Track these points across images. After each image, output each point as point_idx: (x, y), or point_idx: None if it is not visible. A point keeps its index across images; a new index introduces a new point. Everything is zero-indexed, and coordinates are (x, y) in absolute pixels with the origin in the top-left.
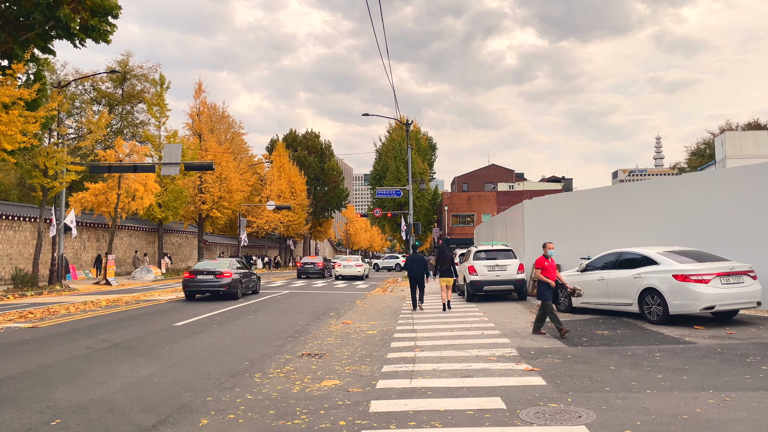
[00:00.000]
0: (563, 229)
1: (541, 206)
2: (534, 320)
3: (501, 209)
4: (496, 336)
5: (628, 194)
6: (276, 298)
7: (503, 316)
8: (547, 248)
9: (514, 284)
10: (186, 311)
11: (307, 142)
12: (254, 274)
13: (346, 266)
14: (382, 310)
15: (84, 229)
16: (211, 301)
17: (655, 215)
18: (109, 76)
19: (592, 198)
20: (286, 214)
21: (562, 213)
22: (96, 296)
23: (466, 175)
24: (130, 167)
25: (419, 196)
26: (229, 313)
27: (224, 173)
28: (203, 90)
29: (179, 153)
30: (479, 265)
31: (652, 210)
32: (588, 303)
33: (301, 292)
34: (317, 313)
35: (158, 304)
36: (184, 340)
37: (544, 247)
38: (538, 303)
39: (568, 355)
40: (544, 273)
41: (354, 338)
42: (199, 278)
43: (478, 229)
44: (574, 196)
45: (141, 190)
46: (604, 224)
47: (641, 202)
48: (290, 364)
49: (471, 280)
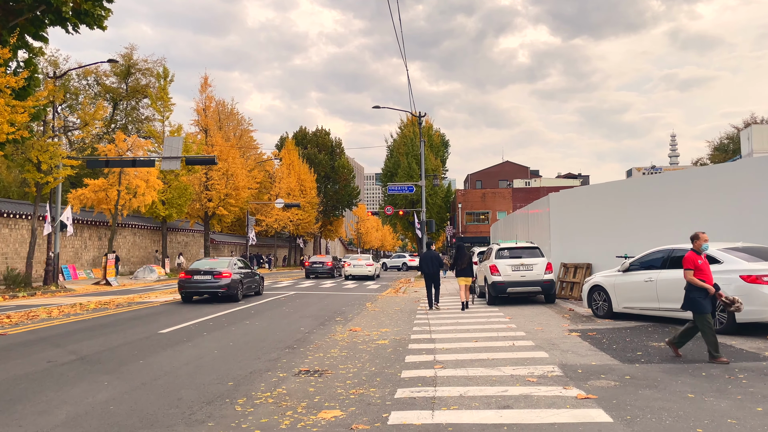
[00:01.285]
0: (595, 225)
1: (569, 199)
2: (678, 336)
3: (517, 206)
4: (531, 348)
5: (672, 184)
6: (279, 300)
7: (533, 322)
8: (701, 240)
9: (541, 285)
10: (178, 315)
11: (317, 140)
12: (257, 274)
13: (356, 266)
14: (394, 314)
15: (85, 227)
16: (208, 304)
17: (707, 207)
18: (113, 70)
19: (630, 189)
20: (295, 212)
21: (594, 206)
22: (89, 298)
23: (479, 173)
24: (128, 161)
25: (432, 194)
26: (225, 318)
27: (231, 170)
28: (209, 84)
29: (180, 146)
30: (502, 264)
31: (702, 201)
32: (631, 307)
33: (308, 294)
34: (322, 317)
35: (151, 307)
36: (164, 352)
37: (694, 239)
38: (569, 308)
39: (626, 376)
40: (698, 275)
41: (362, 350)
42: (196, 278)
43: (495, 226)
44: (608, 187)
45: (143, 187)
46: (644, 218)
47: (688, 193)
48: (283, 384)
49: (493, 280)
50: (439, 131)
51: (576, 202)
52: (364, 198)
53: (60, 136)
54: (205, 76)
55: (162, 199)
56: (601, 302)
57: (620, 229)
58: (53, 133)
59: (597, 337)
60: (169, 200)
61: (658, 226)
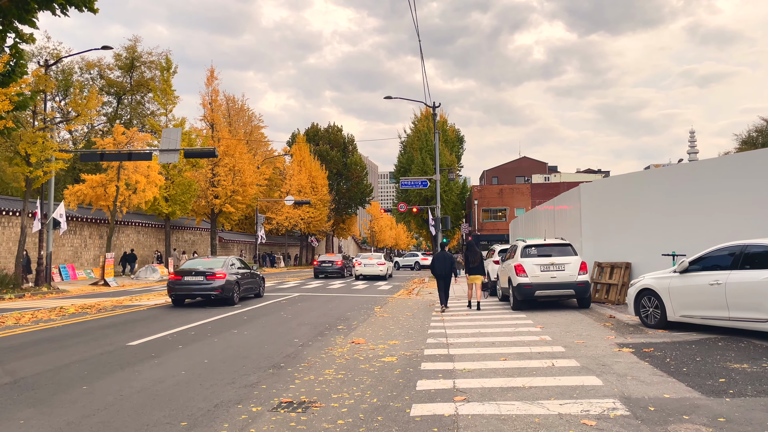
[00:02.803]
0: (635, 218)
1: (604, 190)
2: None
3: (536, 203)
4: (576, 371)
5: (731, 170)
6: (280, 303)
7: (569, 332)
8: None
9: (574, 288)
10: (160, 322)
11: (329, 136)
12: (257, 275)
13: (367, 265)
14: (405, 322)
15: (85, 225)
16: (201, 308)
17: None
18: (117, 63)
19: (678, 176)
20: (306, 210)
21: (634, 197)
22: (76, 300)
23: (496, 169)
24: (124, 155)
25: (447, 190)
26: (212, 326)
27: (237, 165)
28: (215, 78)
29: (179, 138)
30: (529, 263)
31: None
32: (691, 316)
33: (313, 296)
34: (323, 325)
35: (136, 312)
36: (119, 373)
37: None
38: (609, 314)
39: (720, 418)
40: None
41: (363, 371)
42: (187, 280)
43: (514, 223)
44: (650, 175)
45: (143, 182)
46: (694, 211)
47: (751, 181)
48: (253, 426)
49: (519, 282)
50: (453, 126)
51: (612, 192)
52: (379, 196)
53: (51, 128)
54: (211, 69)
55: (165, 196)
56: (652, 309)
57: (666, 223)
58: (44, 125)
59: (657, 354)
60: (172, 197)
61: (712, 220)
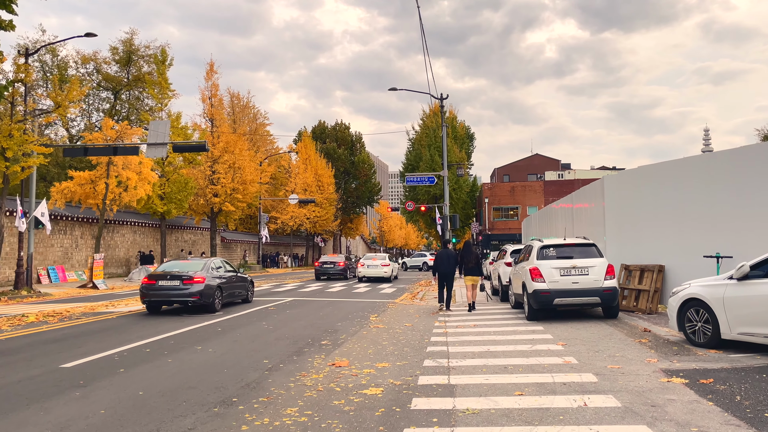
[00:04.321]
0: (669, 214)
1: (632, 182)
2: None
3: (549, 200)
4: (618, 415)
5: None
6: (267, 310)
7: (598, 352)
8: None
9: (600, 295)
10: (118, 336)
11: (336, 134)
12: (245, 279)
13: (371, 266)
14: (402, 335)
15: (76, 225)
16: (176, 315)
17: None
18: (114, 57)
19: (722, 163)
20: (312, 209)
21: (668, 189)
22: (45, 306)
23: (507, 166)
24: (109, 149)
25: (456, 188)
26: (174, 340)
27: (237, 162)
28: (215, 72)
29: (167, 131)
30: (547, 267)
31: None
32: (752, 334)
33: (306, 301)
34: (305, 339)
35: (103, 321)
36: (21, 413)
37: None
38: (643, 327)
39: None
40: None
41: (335, 410)
42: (161, 285)
43: (527, 222)
44: (688, 163)
45: (134, 179)
46: (744, 204)
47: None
48: None
49: (536, 289)
50: (463, 123)
51: (641, 184)
52: (389, 196)
53: (31, 121)
54: (210, 63)
55: (159, 194)
56: (701, 324)
57: (708, 219)
58: (23, 117)
59: (721, 389)
60: (167, 195)
61: (762, 217)
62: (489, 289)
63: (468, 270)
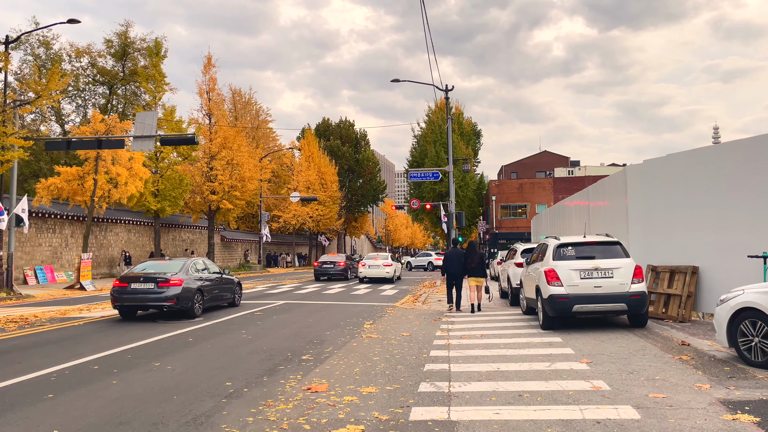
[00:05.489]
0: (704, 207)
1: (660, 172)
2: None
3: (558, 198)
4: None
5: None
6: (253, 315)
7: (632, 374)
8: None
9: (626, 301)
10: (73, 347)
11: (340, 131)
12: (232, 281)
13: (372, 266)
14: (398, 347)
15: (66, 223)
16: (150, 322)
17: None
18: (109, 51)
19: None
20: (315, 207)
21: (704, 180)
22: (15, 311)
23: (515, 164)
24: (93, 142)
25: (462, 185)
26: (132, 354)
27: (236, 159)
28: (213, 65)
29: (154, 123)
30: (565, 268)
31: None
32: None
33: (299, 305)
34: (284, 353)
35: (67, 328)
36: None
37: None
38: (680, 339)
39: None
40: None
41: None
42: (134, 288)
43: (537, 220)
44: (728, 149)
45: (124, 175)
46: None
47: None
48: None
49: (552, 294)
50: (470, 119)
51: (671, 174)
52: (395, 196)
53: (9, 113)
54: (208, 56)
55: (153, 191)
56: (759, 339)
57: (753, 213)
58: (2, 108)
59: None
60: (161, 192)
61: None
62: (497, 291)
63: (471, 271)
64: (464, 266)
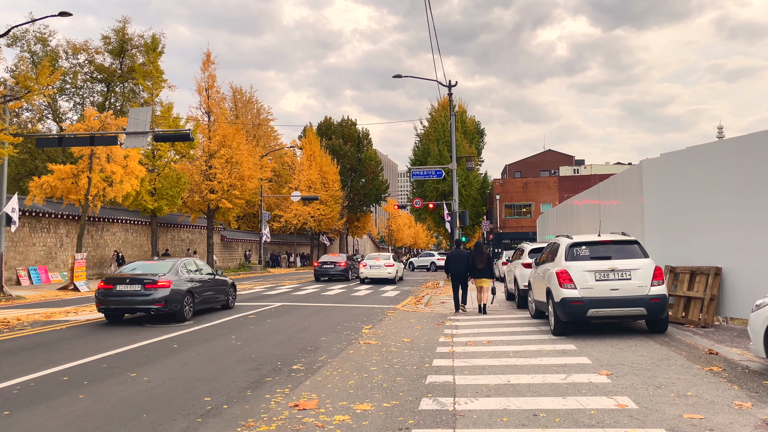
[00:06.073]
0: (729, 204)
1: (679, 166)
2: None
3: (564, 197)
4: None
5: None
6: (246, 319)
7: (660, 388)
8: None
9: (646, 305)
10: (52, 354)
11: (342, 130)
12: (226, 282)
13: (373, 266)
14: (397, 357)
15: (61, 223)
16: (137, 326)
17: None
18: (106, 48)
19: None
20: (317, 207)
21: (729, 174)
22: (5, 312)
23: (519, 163)
24: (85, 139)
25: (466, 184)
26: (109, 363)
27: (235, 157)
28: (212, 62)
29: (148, 119)
30: (579, 269)
31: None
32: None
33: (296, 307)
34: (273, 362)
35: (47, 332)
36: None
37: None
38: (706, 348)
39: None
40: None
41: None
42: (119, 290)
43: (542, 219)
44: (759, 140)
45: (120, 173)
46: None
47: None
48: None
49: (564, 297)
50: (473, 118)
51: (692, 168)
52: (398, 196)
53: (1, 107)
54: (207, 52)
55: (150, 189)
56: None
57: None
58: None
59: None
60: (158, 190)
61: None
62: (502, 293)
63: (477, 272)
64: (468, 267)
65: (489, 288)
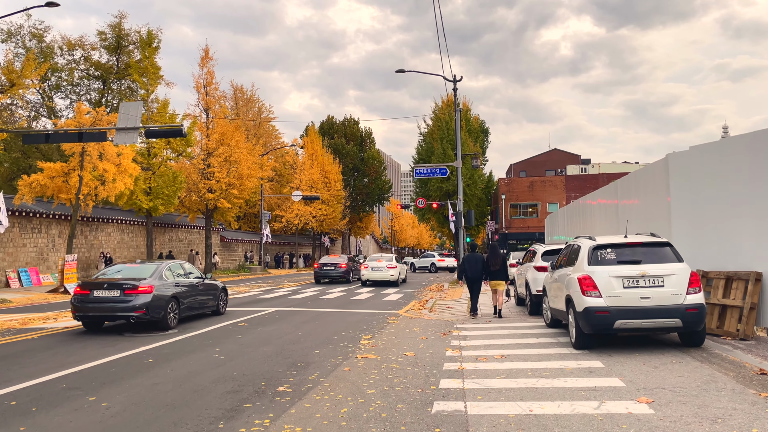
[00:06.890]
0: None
1: (712, 160)
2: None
3: (571, 197)
4: None
5: None
6: (236, 327)
7: (713, 422)
8: None
9: (681, 316)
10: (10, 370)
11: (345, 129)
12: (214, 287)
13: (375, 268)
14: (398, 376)
15: (53, 223)
16: (116, 335)
17: None
18: (102, 44)
19: None
20: (318, 207)
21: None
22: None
23: (524, 162)
24: (73, 135)
25: (470, 183)
26: (68, 382)
27: (233, 155)
28: (210, 58)
29: (139, 114)
30: (604, 275)
31: None
32: None
33: (291, 312)
34: (256, 381)
35: (16, 342)
36: None
37: None
38: (757, 367)
39: None
40: None
41: None
42: (97, 296)
43: (550, 219)
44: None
45: (112, 172)
46: None
47: None
48: None
49: (588, 306)
50: (477, 116)
51: (727, 162)
52: (401, 196)
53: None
54: (205, 48)
55: (145, 189)
56: None
57: None
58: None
59: None
60: (153, 189)
61: None
62: (512, 297)
63: (493, 274)
64: (483, 271)
65: (503, 291)
